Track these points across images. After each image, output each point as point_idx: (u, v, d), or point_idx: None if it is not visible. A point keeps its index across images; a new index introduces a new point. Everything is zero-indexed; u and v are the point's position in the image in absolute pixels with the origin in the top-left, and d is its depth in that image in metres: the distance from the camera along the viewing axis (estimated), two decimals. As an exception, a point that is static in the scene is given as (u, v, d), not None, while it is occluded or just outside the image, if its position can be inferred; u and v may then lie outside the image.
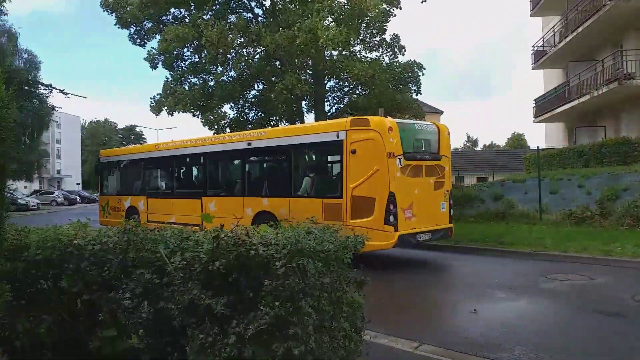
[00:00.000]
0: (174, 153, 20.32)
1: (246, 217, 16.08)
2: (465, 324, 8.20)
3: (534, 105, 36.07)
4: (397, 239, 13.66)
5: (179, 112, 25.74)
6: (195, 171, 20.16)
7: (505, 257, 15.18)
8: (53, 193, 67.48)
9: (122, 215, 21.43)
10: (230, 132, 25.57)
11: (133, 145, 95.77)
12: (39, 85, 44.70)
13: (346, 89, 27.05)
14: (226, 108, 28.67)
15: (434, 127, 15.53)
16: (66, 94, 43.59)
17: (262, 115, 27.41)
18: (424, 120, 20.70)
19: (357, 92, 26.56)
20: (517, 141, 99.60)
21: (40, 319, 5.26)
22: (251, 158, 17.61)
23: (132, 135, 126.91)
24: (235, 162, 18.25)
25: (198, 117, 26.08)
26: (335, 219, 14.02)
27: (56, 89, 42.11)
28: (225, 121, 26.88)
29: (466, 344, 7.04)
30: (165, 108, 25.67)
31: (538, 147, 25.18)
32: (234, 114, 27.57)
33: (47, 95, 45.22)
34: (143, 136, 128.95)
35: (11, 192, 4.60)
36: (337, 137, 14.65)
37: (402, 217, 13.94)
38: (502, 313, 8.87)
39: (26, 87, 42.65)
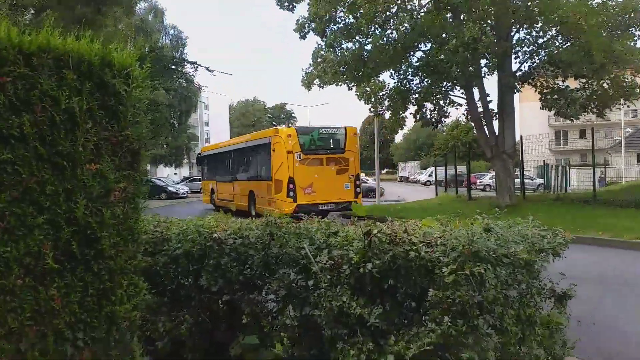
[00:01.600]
0: (220, 151, 29.91)
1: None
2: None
3: None
4: (296, 207, 20.12)
5: (330, 84, 23.27)
6: (226, 163, 28.55)
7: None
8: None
9: (209, 194, 31.27)
10: (390, 104, 25.32)
11: (280, 126, 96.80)
12: (185, 63, 41.57)
13: (541, 41, 22.02)
14: (385, 77, 26.58)
15: (343, 130, 21.80)
16: (212, 71, 42.38)
17: (429, 82, 23.86)
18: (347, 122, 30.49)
19: (557, 42, 21.58)
20: None
21: (182, 319, 4.88)
22: (236, 155, 26.77)
23: (281, 114, 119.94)
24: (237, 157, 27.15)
25: (352, 89, 24.15)
26: (268, 194, 21.89)
27: (202, 66, 40.15)
28: (384, 92, 24.61)
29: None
30: (317, 80, 23.34)
31: None
32: (395, 83, 24.59)
33: (194, 74, 42.24)
34: (293, 115, 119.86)
35: (148, 178, 4.19)
36: (268, 141, 22.13)
37: (301, 193, 20.77)
38: None
39: (173, 66, 40.09)
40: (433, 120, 25.79)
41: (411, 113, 25.72)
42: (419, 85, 24.32)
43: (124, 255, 4.01)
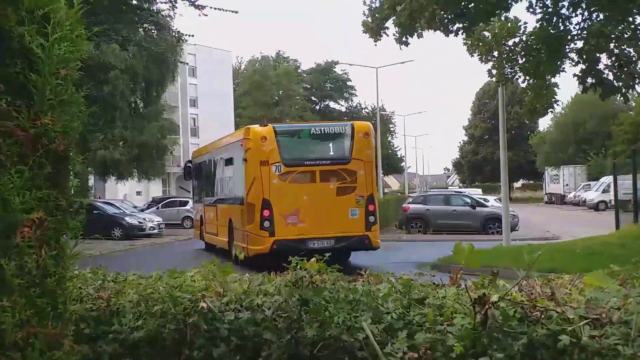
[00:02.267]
0: (209, 157, 21.67)
1: None
2: None
3: None
4: (273, 244, 14.61)
5: (415, 30, 14.43)
6: (211, 177, 21.82)
7: None
8: (187, 203, 35.44)
9: (199, 225, 23.15)
10: (528, 61, 15.71)
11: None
12: None
13: None
14: (518, 11, 16.08)
15: (347, 128, 15.71)
16: (201, 7, 19.14)
17: (604, 17, 14.62)
18: (344, 120, 25.49)
19: None
20: None
21: None
22: (218, 165, 20.38)
23: (328, 81, 74.37)
24: None
25: (458, 35, 14.64)
26: (242, 225, 15.82)
27: None
28: (517, 39, 15.43)
29: None
30: (394, 24, 14.56)
31: None
32: (538, 23, 14.84)
33: (171, 13, 22.15)
34: (350, 84, 75.22)
35: (88, 201, 2.36)
36: (239, 146, 16.12)
37: (281, 223, 14.85)
38: None
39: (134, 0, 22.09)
40: (620, 86, 14.94)
41: (575, 75, 15.49)
42: (584, 25, 14.60)
43: (41, 343, 2.27)
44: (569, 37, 14.88)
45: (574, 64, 15.29)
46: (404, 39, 14.75)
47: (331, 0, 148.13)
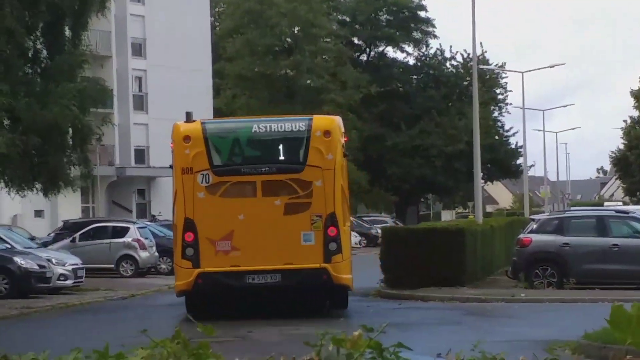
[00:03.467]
0: None
1: None
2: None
3: None
4: (198, 277, 11.85)
5: None
6: None
7: None
8: (128, 230, 24.39)
9: None
10: None
11: None
12: None
13: None
14: None
15: (302, 124, 12.50)
16: None
17: None
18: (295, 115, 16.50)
19: None
20: None
21: None
22: None
23: (384, 5, 47.65)
24: None
25: None
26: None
27: None
28: None
29: None
30: None
31: None
32: None
33: None
34: (424, 18, 49.16)
35: None
36: (170, 146, 12.86)
37: (209, 251, 12.03)
38: None
39: None
40: None
41: None
42: None
43: None
44: None
45: None
46: None
47: None
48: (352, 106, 42.40)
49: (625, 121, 53.97)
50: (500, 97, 49.38)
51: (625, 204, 46.41)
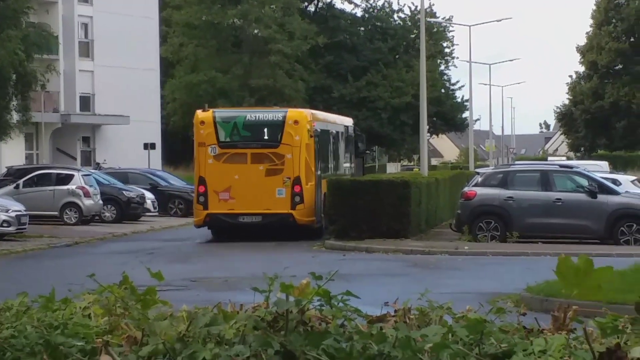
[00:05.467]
0: None
1: None
2: None
3: None
4: (207, 217, 17.80)
5: None
6: None
7: None
8: (73, 177, 23.96)
9: None
10: None
11: None
12: None
13: None
14: None
15: (280, 115, 18.21)
16: None
17: None
18: (276, 107, 22.67)
19: None
20: None
21: None
22: None
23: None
24: None
25: None
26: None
27: None
28: None
29: None
30: None
31: None
32: None
33: None
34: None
35: None
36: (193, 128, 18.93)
37: (214, 199, 17.74)
38: None
39: None
40: None
41: None
42: None
43: None
44: None
45: None
46: None
47: None
48: (299, 57, 43.21)
49: (570, 76, 54.56)
50: (447, 50, 49.70)
51: (569, 159, 46.47)
